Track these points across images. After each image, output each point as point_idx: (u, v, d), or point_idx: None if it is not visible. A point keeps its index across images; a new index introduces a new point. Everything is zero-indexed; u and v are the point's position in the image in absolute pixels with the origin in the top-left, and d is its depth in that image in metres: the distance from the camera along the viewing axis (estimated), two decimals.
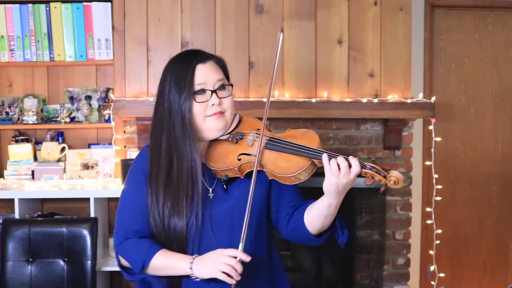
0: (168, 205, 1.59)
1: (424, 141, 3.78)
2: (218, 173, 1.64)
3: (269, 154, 1.59)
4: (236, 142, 1.65)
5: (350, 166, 1.49)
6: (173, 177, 1.60)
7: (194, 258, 1.53)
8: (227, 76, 1.71)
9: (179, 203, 1.58)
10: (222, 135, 1.66)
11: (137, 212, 1.63)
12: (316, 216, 1.60)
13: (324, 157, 1.49)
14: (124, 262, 1.64)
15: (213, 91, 1.61)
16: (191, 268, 1.52)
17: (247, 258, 1.49)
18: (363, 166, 1.50)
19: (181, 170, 1.59)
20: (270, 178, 1.59)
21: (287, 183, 1.56)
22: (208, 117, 1.62)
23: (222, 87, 1.64)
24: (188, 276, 1.56)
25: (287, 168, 1.54)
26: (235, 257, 1.48)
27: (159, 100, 1.65)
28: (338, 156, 1.50)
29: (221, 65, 1.69)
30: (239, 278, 1.48)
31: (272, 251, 1.76)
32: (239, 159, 1.61)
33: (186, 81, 1.59)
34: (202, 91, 1.60)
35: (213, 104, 1.61)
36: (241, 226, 1.60)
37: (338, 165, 1.48)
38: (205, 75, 1.61)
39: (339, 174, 1.48)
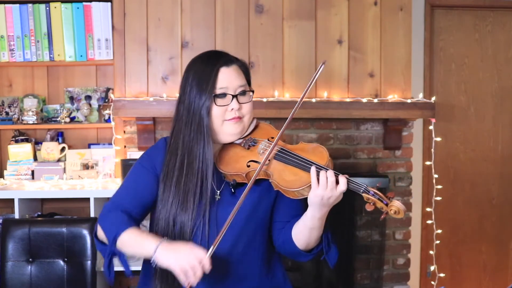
0: (177, 204, 1.59)
1: (424, 141, 3.78)
2: (226, 177, 1.63)
3: (277, 165, 1.58)
4: (248, 148, 1.64)
5: (337, 182, 1.49)
6: (184, 177, 1.60)
7: (161, 242, 1.48)
8: (248, 81, 1.70)
9: (187, 203, 1.58)
10: (237, 139, 1.66)
11: (132, 194, 1.63)
12: (301, 228, 1.59)
13: (312, 169, 1.49)
14: (100, 233, 1.61)
15: (234, 96, 1.61)
16: (155, 251, 1.47)
17: (207, 269, 1.44)
18: (366, 191, 1.49)
19: (191, 171, 1.59)
20: (275, 189, 1.58)
21: (290, 196, 1.55)
22: (226, 121, 1.61)
23: (243, 92, 1.63)
24: None
25: (292, 182, 1.53)
26: (200, 262, 1.44)
27: (180, 97, 1.65)
28: (328, 170, 1.49)
29: (244, 69, 1.68)
30: (194, 283, 1.44)
31: (273, 259, 1.74)
32: (248, 166, 1.60)
33: (209, 83, 1.58)
34: (223, 94, 1.60)
35: (232, 109, 1.60)
36: (246, 232, 1.62)
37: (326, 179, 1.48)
38: (227, 79, 1.60)
39: (326, 187, 1.47)
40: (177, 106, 1.66)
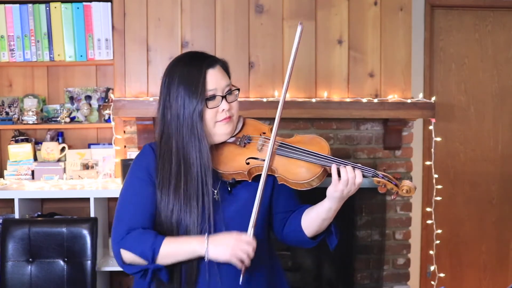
0: (178, 210, 1.58)
1: (424, 141, 3.78)
2: (224, 176, 1.64)
3: (280, 160, 1.60)
4: (244, 146, 1.65)
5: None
6: (183, 183, 1.59)
7: (207, 239, 1.52)
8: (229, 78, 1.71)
9: (191, 208, 1.58)
10: (229, 138, 1.67)
11: (141, 209, 1.60)
12: (314, 219, 1.64)
13: (333, 167, 1.56)
14: (128, 257, 1.57)
15: (223, 97, 1.62)
16: (207, 251, 1.51)
17: (255, 247, 1.53)
18: (375, 175, 1.56)
19: (190, 176, 1.59)
20: (280, 183, 1.61)
21: (298, 188, 1.59)
22: (218, 122, 1.62)
23: (229, 92, 1.64)
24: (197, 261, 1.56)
25: (299, 174, 1.57)
26: (249, 244, 1.52)
27: (165, 103, 1.63)
28: (348, 165, 1.56)
29: (225, 68, 1.69)
30: (249, 265, 1.52)
31: (272, 253, 1.77)
32: (248, 163, 1.61)
33: (199, 87, 1.58)
34: (213, 97, 1.60)
35: (223, 110, 1.61)
36: (246, 228, 1.61)
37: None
38: (215, 80, 1.61)
39: (347, 183, 1.54)
40: (162, 111, 1.63)
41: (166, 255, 1.53)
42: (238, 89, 1.68)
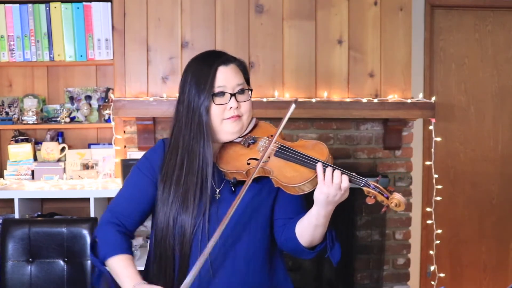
0: (177, 204, 1.60)
1: (424, 141, 3.78)
2: (227, 175, 1.64)
3: (277, 162, 1.59)
4: (248, 146, 1.65)
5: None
6: (184, 176, 1.60)
7: (135, 286, 1.50)
8: (247, 80, 1.71)
9: (187, 202, 1.59)
10: (236, 138, 1.67)
11: (129, 201, 1.66)
12: (306, 226, 1.59)
13: (319, 166, 1.50)
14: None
15: (232, 95, 1.62)
16: None
17: None
18: (366, 185, 1.49)
19: (191, 170, 1.60)
20: (276, 186, 1.58)
21: (291, 192, 1.56)
22: (225, 119, 1.62)
23: (241, 91, 1.64)
24: None
25: (292, 178, 1.54)
26: None
27: (180, 97, 1.66)
28: (336, 169, 1.50)
29: (242, 68, 1.70)
30: None
31: (274, 257, 1.74)
32: (248, 163, 1.61)
33: (207, 82, 1.59)
34: (221, 93, 1.61)
35: (231, 108, 1.61)
36: (248, 230, 1.61)
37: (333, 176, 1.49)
38: (226, 78, 1.61)
39: (331, 185, 1.48)
40: (176, 106, 1.67)
41: (110, 267, 1.59)
42: (251, 90, 1.68)
